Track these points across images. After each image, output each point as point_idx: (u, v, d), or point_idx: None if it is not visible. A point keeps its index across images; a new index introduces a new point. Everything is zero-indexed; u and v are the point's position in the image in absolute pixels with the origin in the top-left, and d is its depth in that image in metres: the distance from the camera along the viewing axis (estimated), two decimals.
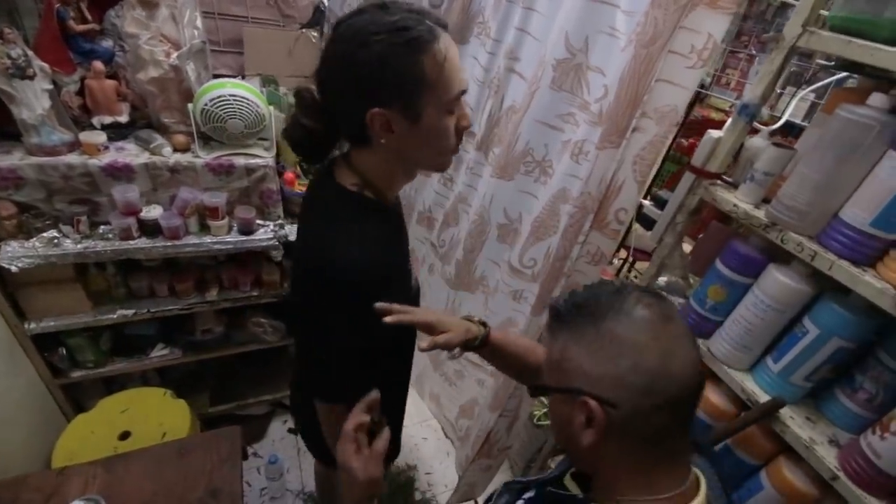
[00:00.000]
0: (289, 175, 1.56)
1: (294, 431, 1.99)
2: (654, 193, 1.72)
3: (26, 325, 1.35)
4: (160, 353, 1.63)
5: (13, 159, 1.21)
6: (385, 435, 0.68)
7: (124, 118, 1.41)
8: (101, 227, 1.37)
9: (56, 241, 1.29)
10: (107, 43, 1.39)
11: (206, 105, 1.31)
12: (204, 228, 1.45)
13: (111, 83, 1.36)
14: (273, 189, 1.51)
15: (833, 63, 0.97)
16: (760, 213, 0.92)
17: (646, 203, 1.31)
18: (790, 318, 0.92)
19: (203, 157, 1.39)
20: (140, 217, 1.35)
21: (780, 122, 1.09)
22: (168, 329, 1.66)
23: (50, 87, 1.22)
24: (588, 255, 1.22)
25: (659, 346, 0.47)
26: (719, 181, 1.03)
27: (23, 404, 1.38)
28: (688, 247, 1.29)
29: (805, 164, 0.85)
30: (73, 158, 1.26)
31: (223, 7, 1.72)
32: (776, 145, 0.93)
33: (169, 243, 1.38)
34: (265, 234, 1.50)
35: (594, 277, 1.26)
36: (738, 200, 0.96)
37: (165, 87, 1.37)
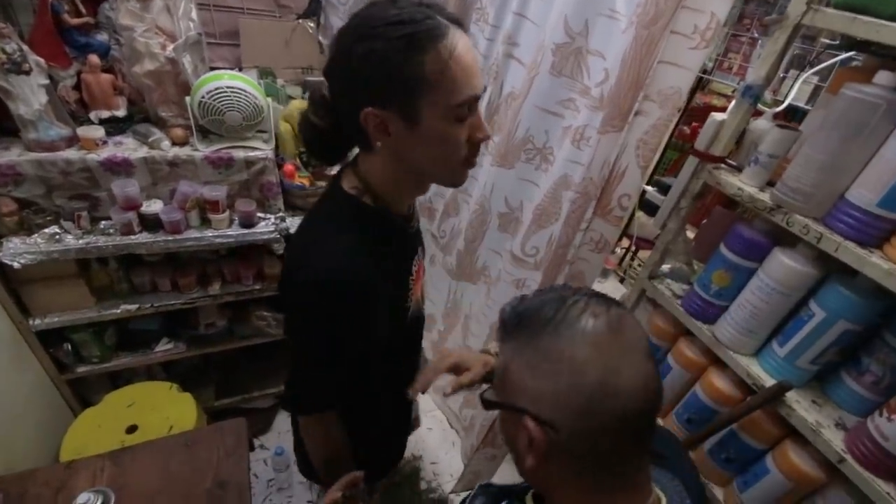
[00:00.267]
0: (288, 167, 1.55)
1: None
2: (656, 179, 1.71)
3: (31, 322, 1.36)
4: (165, 348, 1.64)
5: (11, 155, 1.20)
6: None
7: (122, 112, 1.40)
8: (102, 222, 1.37)
9: (57, 236, 1.29)
10: (102, 36, 1.38)
11: (203, 97, 1.30)
12: (205, 222, 1.45)
13: (107, 77, 1.35)
14: (273, 181, 1.50)
15: (837, 43, 0.96)
16: (765, 196, 0.91)
17: (648, 189, 1.30)
18: (796, 302, 0.91)
19: (202, 150, 1.38)
20: (140, 212, 1.34)
21: (784, 105, 1.07)
22: (172, 324, 1.66)
23: (46, 81, 1.21)
24: (591, 243, 1.21)
25: (602, 362, 0.43)
26: (723, 165, 1.01)
27: (30, 400, 1.39)
28: (690, 234, 1.28)
29: (810, 145, 0.84)
30: (72, 154, 1.25)
31: None
32: (780, 126, 0.91)
33: (170, 237, 1.38)
34: (266, 227, 1.50)
35: (598, 265, 1.25)
36: (742, 184, 0.95)
37: (162, 80, 1.35)
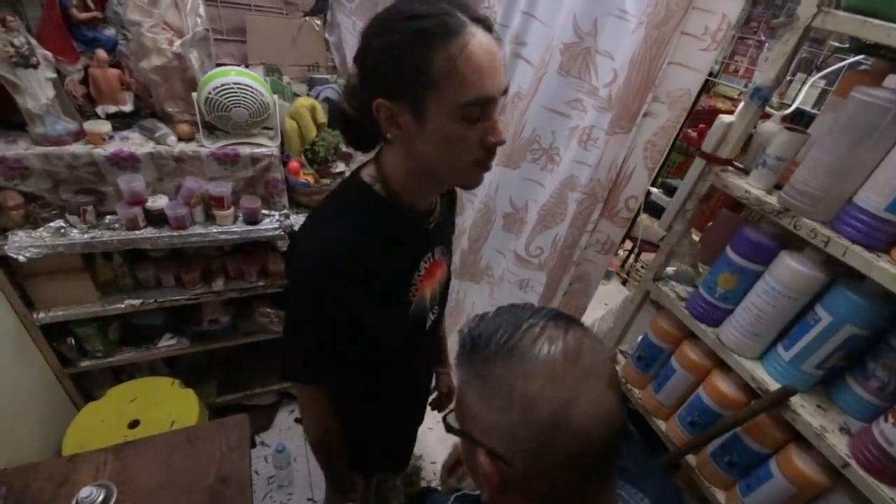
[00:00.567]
0: (293, 164, 1.55)
1: (301, 421, 2.00)
2: (662, 181, 1.71)
3: (35, 315, 1.36)
4: (168, 343, 1.64)
5: (19, 149, 1.21)
6: None
7: (128, 107, 1.40)
8: (108, 216, 1.37)
9: (63, 230, 1.29)
10: (109, 31, 1.38)
11: (210, 94, 1.30)
12: (210, 218, 1.45)
13: (115, 72, 1.35)
14: (278, 178, 1.50)
15: (846, 46, 0.95)
16: (773, 199, 0.91)
17: (654, 191, 1.30)
18: (802, 306, 0.91)
19: (208, 146, 1.38)
20: (146, 207, 1.34)
21: (792, 108, 1.07)
22: (175, 319, 1.67)
23: (54, 76, 1.21)
24: (598, 244, 1.21)
25: (556, 394, 0.39)
26: (730, 167, 1.01)
27: (33, 394, 1.40)
28: (695, 237, 1.28)
29: (819, 148, 0.83)
30: (78, 148, 1.26)
31: None
32: (789, 129, 0.91)
33: (175, 233, 1.38)
34: (270, 223, 1.50)
35: (603, 266, 1.25)
36: (749, 186, 0.95)
37: (169, 75, 1.36)
